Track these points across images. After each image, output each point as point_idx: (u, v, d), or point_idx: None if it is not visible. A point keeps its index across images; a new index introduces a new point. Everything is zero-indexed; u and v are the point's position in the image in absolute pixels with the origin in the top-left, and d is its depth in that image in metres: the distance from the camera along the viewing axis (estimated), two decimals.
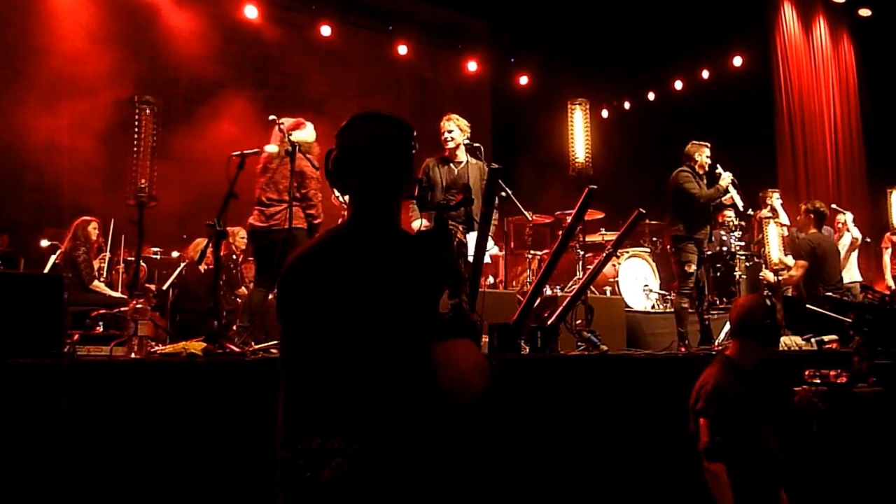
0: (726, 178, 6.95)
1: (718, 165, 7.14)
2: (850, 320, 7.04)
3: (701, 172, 6.99)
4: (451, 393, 1.90)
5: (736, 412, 3.53)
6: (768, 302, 3.80)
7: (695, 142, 7.15)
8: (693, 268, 6.71)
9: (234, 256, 8.37)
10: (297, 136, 5.39)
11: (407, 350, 1.91)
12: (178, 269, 8.09)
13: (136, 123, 4.39)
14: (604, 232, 8.83)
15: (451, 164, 6.27)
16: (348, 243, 2.05)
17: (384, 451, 1.86)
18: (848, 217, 9.27)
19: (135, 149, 4.40)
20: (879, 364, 4.24)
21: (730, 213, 8.58)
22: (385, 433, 1.87)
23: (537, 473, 4.03)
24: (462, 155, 6.31)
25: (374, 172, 2.09)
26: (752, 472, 3.51)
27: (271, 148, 5.36)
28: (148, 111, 4.43)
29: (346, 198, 2.28)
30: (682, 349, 6.46)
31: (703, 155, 7.02)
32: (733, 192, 7.05)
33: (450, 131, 6.22)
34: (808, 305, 7.61)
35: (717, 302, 8.15)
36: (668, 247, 7.11)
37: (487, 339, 4.64)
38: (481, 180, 6.14)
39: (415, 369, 1.90)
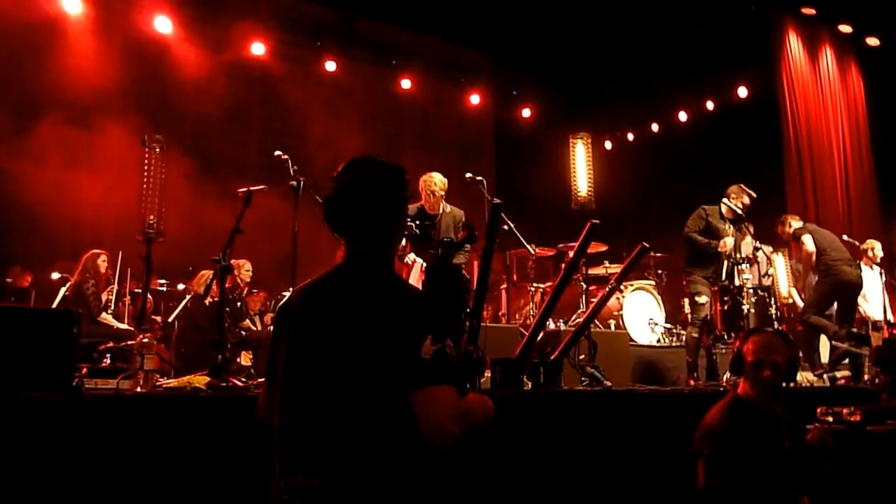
0: (728, 243, 7.07)
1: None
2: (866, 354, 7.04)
3: (728, 216, 7.13)
4: (428, 438, 1.93)
5: (733, 455, 3.30)
6: (782, 338, 3.66)
7: (742, 185, 7.32)
8: (704, 298, 6.78)
9: (239, 289, 8.43)
10: None
11: (382, 394, 1.94)
12: (184, 302, 8.15)
13: (146, 162, 4.48)
14: (608, 264, 8.84)
15: (427, 214, 6.55)
16: (334, 286, 2.13)
17: (359, 493, 1.90)
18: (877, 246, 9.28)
19: (144, 186, 4.48)
20: None
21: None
22: (359, 476, 1.90)
23: None
24: (440, 207, 6.60)
25: (365, 215, 2.16)
26: None
27: None
28: (157, 150, 4.52)
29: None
30: (692, 382, 6.46)
31: (739, 200, 7.19)
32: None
33: (432, 191, 6.50)
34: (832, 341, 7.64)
35: (726, 336, 8.13)
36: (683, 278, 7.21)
37: (490, 374, 4.65)
38: (454, 226, 6.54)
39: (389, 414, 1.94)
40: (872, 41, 12.26)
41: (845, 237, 10.01)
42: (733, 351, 3.70)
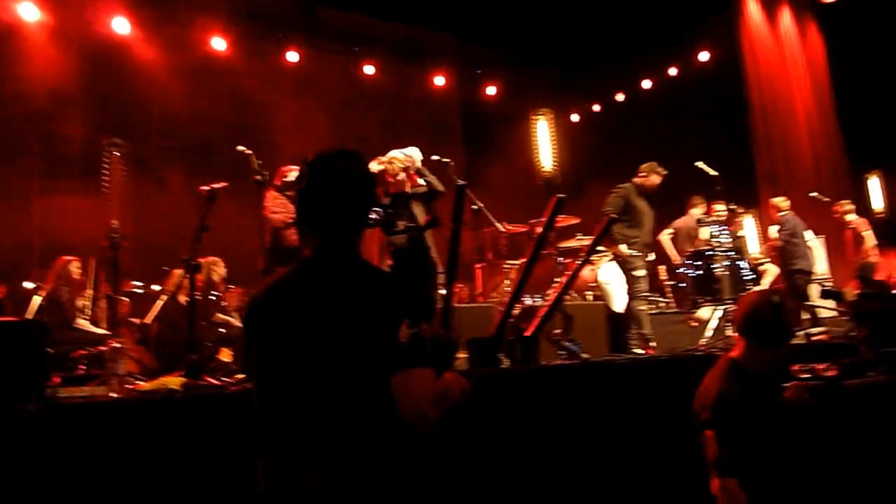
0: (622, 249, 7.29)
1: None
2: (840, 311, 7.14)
3: (644, 192, 7.44)
4: (408, 422, 1.96)
5: (744, 421, 3.21)
6: (775, 298, 3.57)
7: (655, 164, 7.51)
8: (642, 272, 7.03)
9: (214, 286, 8.39)
10: None
11: (364, 381, 1.96)
12: (160, 303, 8.10)
13: (106, 167, 4.44)
14: (580, 236, 8.88)
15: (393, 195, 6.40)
16: (308, 278, 2.12)
17: (352, 481, 1.91)
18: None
19: (105, 191, 4.45)
20: (887, 353, 4.11)
21: (719, 206, 8.69)
22: (350, 465, 1.92)
23: (523, 488, 4.03)
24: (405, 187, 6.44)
25: (338, 207, 2.16)
26: (768, 486, 3.23)
27: None
28: (117, 153, 4.48)
29: None
30: (650, 351, 6.59)
31: (649, 178, 7.47)
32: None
33: (395, 175, 6.29)
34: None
35: (700, 300, 8.22)
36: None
37: (467, 354, 4.67)
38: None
39: (372, 400, 1.95)
40: None
41: (814, 194, 10.13)
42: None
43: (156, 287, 8.79)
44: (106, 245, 4.57)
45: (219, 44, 10.87)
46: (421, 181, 6.39)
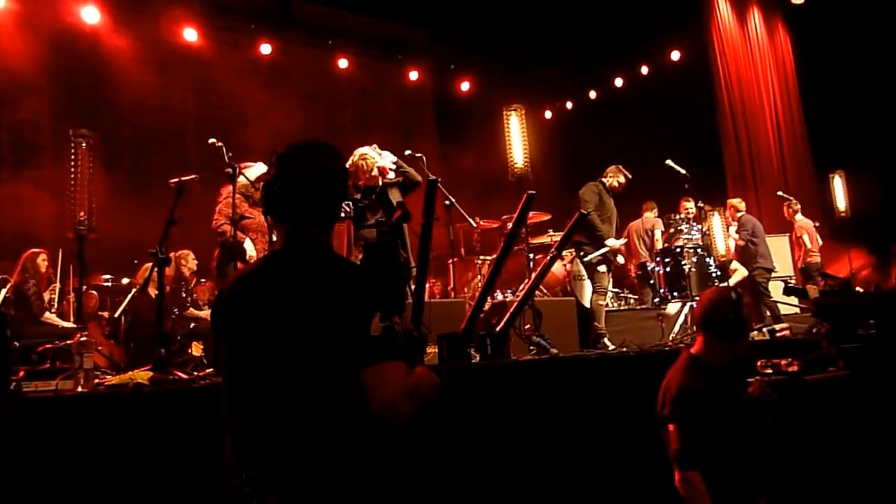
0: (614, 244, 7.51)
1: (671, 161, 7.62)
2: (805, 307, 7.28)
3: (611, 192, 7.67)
4: (379, 415, 1.96)
5: (705, 414, 3.28)
6: (734, 294, 3.64)
7: (620, 166, 7.73)
8: (604, 267, 7.27)
9: (185, 279, 8.34)
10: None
11: (334, 374, 1.96)
12: (129, 296, 8.04)
13: (73, 157, 4.39)
14: (552, 232, 8.95)
15: (366, 189, 6.42)
16: (278, 269, 2.10)
17: (318, 476, 1.91)
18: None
19: (72, 182, 4.40)
20: (847, 348, 4.18)
21: (688, 204, 8.82)
22: (318, 459, 1.92)
23: (493, 483, 4.04)
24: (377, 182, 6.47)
25: (307, 199, 2.14)
26: (729, 479, 3.29)
27: None
28: (84, 144, 4.42)
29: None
30: (610, 346, 6.69)
31: (616, 179, 7.70)
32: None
33: (370, 171, 6.33)
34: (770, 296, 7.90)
35: (669, 297, 8.33)
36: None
37: (437, 349, 4.68)
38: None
39: (342, 393, 1.95)
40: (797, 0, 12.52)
41: (780, 193, 10.33)
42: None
43: (125, 280, 8.71)
44: (72, 237, 4.52)
45: (190, 35, 10.75)
46: (391, 176, 6.42)
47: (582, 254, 7.52)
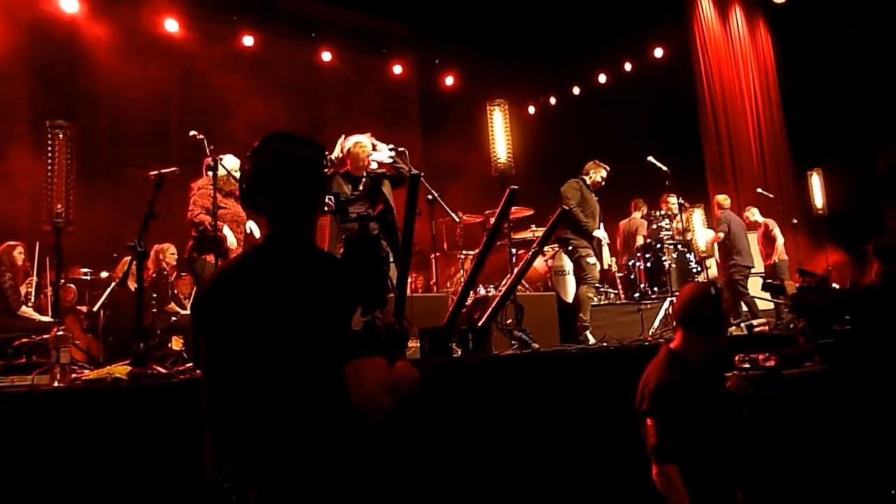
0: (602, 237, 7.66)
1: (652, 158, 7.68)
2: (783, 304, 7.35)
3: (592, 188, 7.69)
4: (360, 410, 1.95)
5: (683, 409, 3.28)
6: (713, 290, 3.64)
7: (597, 161, 7.77)
8: (593, 259, 7.20)
9: (165, 273, 8.27)
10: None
11: (314, 368, 1.94)
12: (108, 290, 7.96)
13: (50, 149, 4.33)
14: (534, 228, 8.96)
15: (356, 178, 6.26)
16: (259, 263, 2.09)
17: (298, 471, 1.90)
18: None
19: (48, 174, 4.34)
20: (823, 344, 4.23)
21: (671, 199, 8.89)
22: (298, 453, 1.90)
23: (475, 477, 4.04)
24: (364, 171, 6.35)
25: (286, 192, 2.12)
26: (706, 473, 3.29)
27: None
28: (61, 136, 4.36)
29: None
30: (593, 341, 6.72)
31: (598, 174, 7.72)
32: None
33: (365, 157, 6.12)
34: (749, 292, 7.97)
35: (650, 292, 8.39)
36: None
37: (419, 343, 4.68)
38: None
39: (323, 387, 1.94)
40: None
41: (759, 190, 10.43)
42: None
43: (104, 274, 8.63)
44: (48, 230, 4.46)
45: (171, 25, 10.64)
46: (373, 165, 6.36)
47: (570, 248, 7.51)
